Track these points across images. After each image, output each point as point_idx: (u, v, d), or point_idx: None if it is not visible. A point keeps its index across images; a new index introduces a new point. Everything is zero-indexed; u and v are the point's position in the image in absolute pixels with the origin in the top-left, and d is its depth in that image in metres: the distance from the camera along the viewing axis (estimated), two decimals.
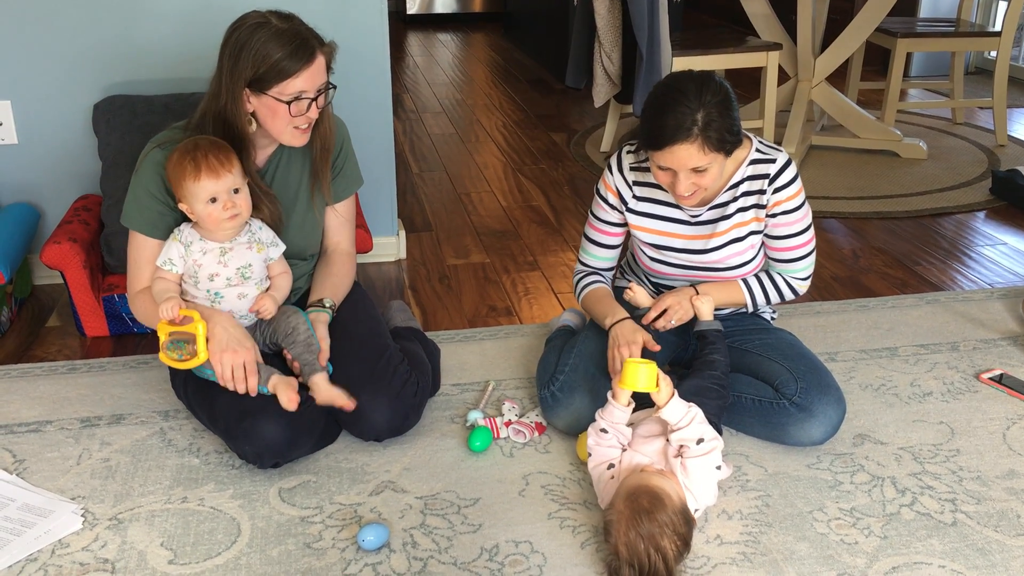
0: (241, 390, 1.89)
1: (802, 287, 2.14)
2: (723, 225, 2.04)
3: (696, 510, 1.73)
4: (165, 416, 2.17)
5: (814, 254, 2.11)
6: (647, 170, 2.06)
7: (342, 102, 2.83)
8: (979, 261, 3.12)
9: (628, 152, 2.10)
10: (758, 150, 2.02)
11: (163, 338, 1.90)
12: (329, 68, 1.96)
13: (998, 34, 4.29)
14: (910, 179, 3.91)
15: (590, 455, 1.84)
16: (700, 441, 1.73)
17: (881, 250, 3.21)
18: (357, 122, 2.92)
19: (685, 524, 1.64)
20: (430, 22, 8.52)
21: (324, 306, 2.10)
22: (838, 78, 4.72)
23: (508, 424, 2.09)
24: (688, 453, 1.73)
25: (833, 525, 1.81)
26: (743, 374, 2.08)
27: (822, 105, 4.24)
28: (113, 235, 2.54)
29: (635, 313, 2.10)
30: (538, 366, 2.21)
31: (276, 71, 1.85)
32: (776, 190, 2.00)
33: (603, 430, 1.82)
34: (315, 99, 1.92)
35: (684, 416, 1.75)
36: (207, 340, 1.88)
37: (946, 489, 1.92)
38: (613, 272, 2.27)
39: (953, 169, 4.05)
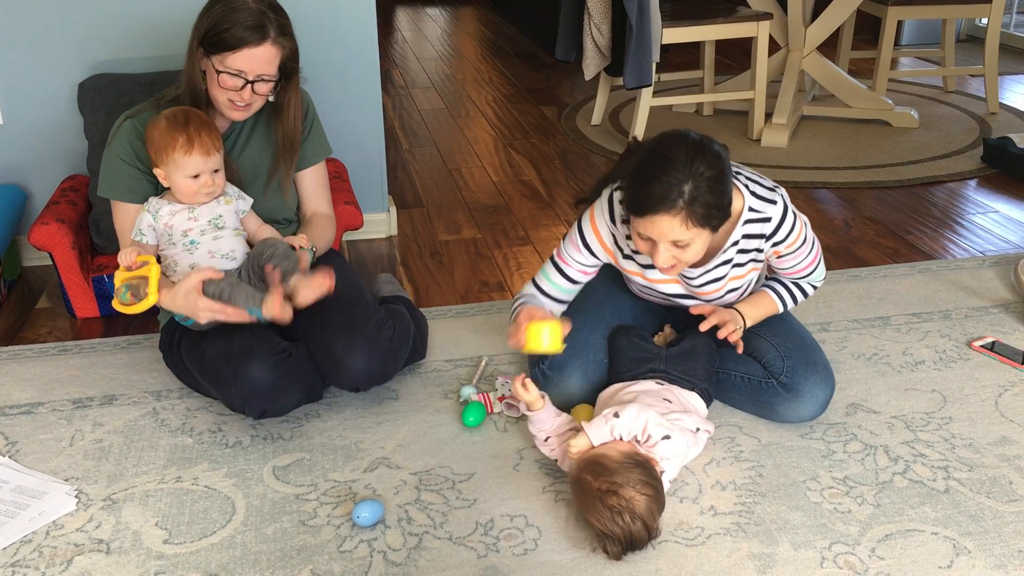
0: (236, 318, 1.89)
1: (822, 284, 2.10)
2: (720, 283, 1.97)
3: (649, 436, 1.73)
4: (157, 396, 2.16)
5: (822, 258, 2.04)
6: None
7: (330, 77, 2.81)
8: (971, 229, 3.12)
9: (620, 202, 1.89)
10: (751, 208, 1.86)
11: (117, 284, 1.92)
12: (286, 65, 2.00)
13: (989, 0, 4.27)
14: (902, 148, 3.90)
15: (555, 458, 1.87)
16: (647, 436, 1.73)
17: (873, 219, 3.20)
18: (345, 98, 2.90)
19: (636, 467, 1.65)
20: None
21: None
22: (829, 47, 4.70)
23: (502, 399, 2.09)
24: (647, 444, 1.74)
25: (826, 494, 1.82)
26: (730, 351, 2.08)
27: (813, 75, 4.22)
28: (101, 215, 2.53)
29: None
30: None
31: (222, 38, 1.91)
32: (774, 244, 1.91)
33: (546, 439, 1.85)
34: (251, 83, 1.95)
35: (612, 430, 1.72)
36: (159, 285, 1.90)
37: (939, 457, 1.93)
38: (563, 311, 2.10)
39: (945, 137, 4.04)
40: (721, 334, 1.96)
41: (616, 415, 1.73)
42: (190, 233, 1.96)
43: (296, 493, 1.84)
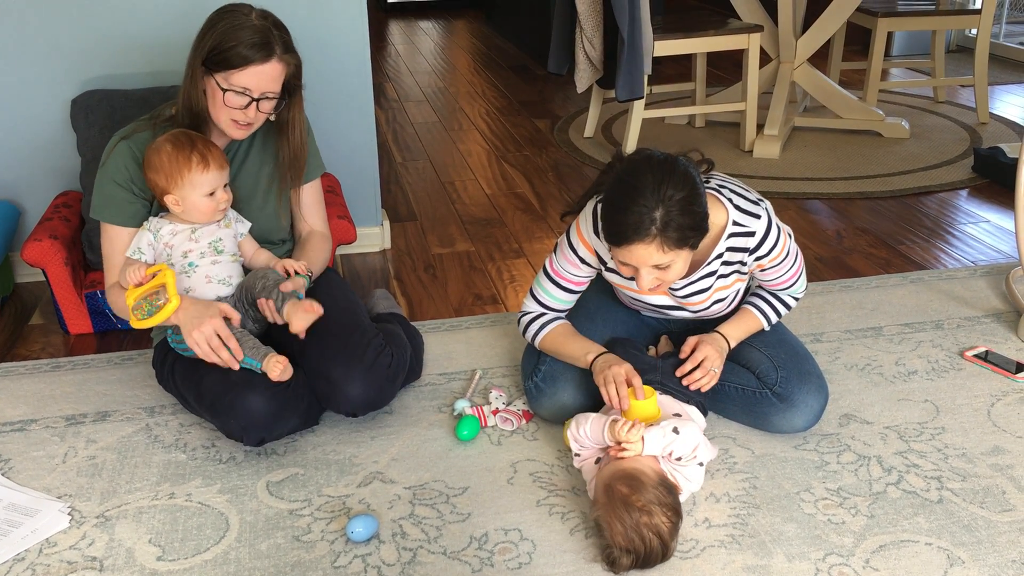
0: (225, 357, 1.88)
1: (802, 296, 2.11)
2: (705, 294, 1.97)
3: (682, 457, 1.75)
4: (151, 412, 2.16)
5: (804, 269, 2.05)
6: None
7: (323, 92, 2.82)
8: (962, 239, 3.13)
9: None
10: (735, 222, 1.86)
11: (131, 303, 1.90)
12: (290, 83, 2.00)
13: (978, 11, 4.29)
14: (893, 159, 3.92)
15: (577, 455, 1.85)
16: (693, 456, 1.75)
17: (865, 230, 3.21)
18: (338, 112, 2.91)
19: (668, 493, 1.66)
20: (411, 10, 8.49)
21: None
22: (820, 59, 4.72)
23: (495, 412, 2.09)
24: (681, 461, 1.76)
25: (820, 505, 1.82)
26: (726, 360, 2.08)
27: (804, 86, 4.24)
28: (94, 231, 2.53)
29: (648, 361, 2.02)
30: (523, 356, 2.21)
31: (227, 56, 1.90)
32: (758, 258, 1.91)
33: (578, 454, 1.85)
34: (256, 100, 1.94)
35: (665, 447, 1.74)
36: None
37: (932, 467, 1.93)
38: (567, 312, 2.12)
39: (935, 148, 4.06)
40: (687, 381, 1.94)
41: (676, 430, 1.72)
42: (190, 255, 1.96)
43: (290, 508, 1.83)
